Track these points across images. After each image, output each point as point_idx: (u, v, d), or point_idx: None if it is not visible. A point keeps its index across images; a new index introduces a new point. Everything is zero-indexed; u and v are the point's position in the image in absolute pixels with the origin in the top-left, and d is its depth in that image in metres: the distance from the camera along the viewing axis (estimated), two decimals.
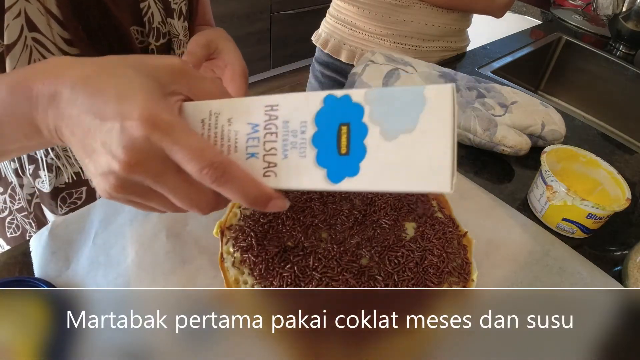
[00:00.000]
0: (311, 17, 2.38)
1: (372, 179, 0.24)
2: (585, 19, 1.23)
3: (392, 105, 0.24)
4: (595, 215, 0.48)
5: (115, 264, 0.40)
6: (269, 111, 0.26)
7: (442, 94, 0.23)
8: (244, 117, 0.26)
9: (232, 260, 0.39)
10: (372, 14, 0.84)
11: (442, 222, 0.43)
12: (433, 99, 0.23)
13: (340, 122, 0.25)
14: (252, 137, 0.26)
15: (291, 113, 0.26)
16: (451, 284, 0.38)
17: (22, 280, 0.38)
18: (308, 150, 0.25)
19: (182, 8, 0.49)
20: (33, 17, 0.38)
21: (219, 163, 0.23)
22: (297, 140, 0.25)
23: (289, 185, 0.26)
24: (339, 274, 0.37)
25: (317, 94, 0.25)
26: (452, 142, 0.23)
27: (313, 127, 0.25)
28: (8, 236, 0.55)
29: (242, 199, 0.25)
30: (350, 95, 0.25)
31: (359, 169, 0.24)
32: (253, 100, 0.26)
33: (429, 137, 0.23)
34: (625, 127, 1.03)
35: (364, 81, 0.68)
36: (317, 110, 0.25)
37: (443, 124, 0.23)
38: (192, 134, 0.24)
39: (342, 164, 0.25)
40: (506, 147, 0.59)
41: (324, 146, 0.25)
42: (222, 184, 0.24)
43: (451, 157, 0.23)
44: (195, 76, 0.27)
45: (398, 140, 0.24)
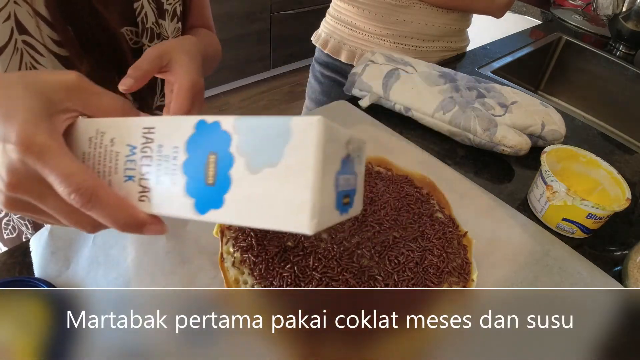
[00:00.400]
0: (311, 17, 2.38)
1: (235, 213, 0.23)
2: (585, 19, 1.23)
3: (259, 135, 0.23)
4: (595, 215, 0.48)
5: (115, 264, 0.40)
6: (146, 134, 0.25)
7: (308, 126, 0.21)
8: (124, 139, 0.26)
9: (232, 260, 0.39)
10: (371, 14, 0.84)
11: (442, 222, 0.43)
12: (299, 132, 0.22)
13: (209, 150, 0.24)
14: (130, 159, 0.25)
15: (165, 137, 0.25)
16: (451, 284, 0.38)
17: (22, 280, 0.38)
18: (179, 177, 0.24)
19: (176, 9, 0.49)
20: (22, 20, 0.38)
21: (86, 188, 0.23)
22: (169, 166, 0.24)
23: (160, 211, 0.25)
24: (339, 274, 0.37)
25: (189, 119, 0.24)
26: (315, 179, 0.21)
27: (184, 153, 0.24)
28: (5, 237, 0.55)
29: (111, 224, 0.25)
30: (219, 123, 0.24)
31: (223, 202, 0.23)
32: (134, 122, 0.26)
33: (292, 173, 0.22)
34: (625, 127, 1.04)
35: (364, 81, 0.68)
36: (189, 136, 0.24)
37: (306, 160, 0.21)
38: (64, 157, 0.24)
39: (209, 195, 0.23)
40: (506, 147, 0.59)
41: (193, 174, 0.24)
42: (90, 209, 0.24)
43: (312, 195, 0.21)
44: (91, 92, 0.27)
45: (262, 174, 0.22)
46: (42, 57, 0.40)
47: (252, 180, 0.22)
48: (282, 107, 2.38)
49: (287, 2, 2.30)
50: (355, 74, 0.70)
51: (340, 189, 0.25)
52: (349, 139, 0.26)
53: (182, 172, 0.24)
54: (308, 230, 0.21)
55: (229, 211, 0.23)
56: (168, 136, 0.25)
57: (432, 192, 0.48)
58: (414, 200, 0.45)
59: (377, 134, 0.61)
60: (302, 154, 0.21)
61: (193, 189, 0.24)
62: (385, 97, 0.67)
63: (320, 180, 0.21)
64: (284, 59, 2.54)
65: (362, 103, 0.68)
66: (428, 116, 0.64)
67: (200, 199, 0.24)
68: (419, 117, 0.66)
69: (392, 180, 0.48)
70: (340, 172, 0.25)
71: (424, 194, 0.47)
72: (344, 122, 0.63)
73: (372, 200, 0.44)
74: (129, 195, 0.25)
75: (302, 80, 2.54)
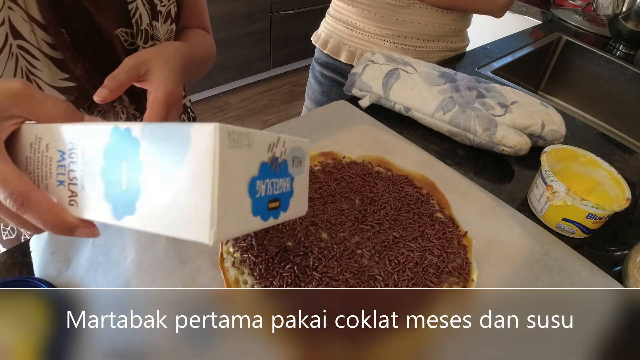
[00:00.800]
0: (311, 17, 2.38)
1: (145, 221, 0.23)
2: (585, 19, 1.23)
3: (164, 142, 0.23)
4: (595, 215, 0.48)
5: (115, 264, 0.40)
6: (72, 140, 0.26)
7: (205, 135, 0.21)
8: (56, 144, 0.27)
9: (232, 260, 0.39)
10: (371, 14, 0.84)
11: (442, 222, 0.43)
12: (197, 140, 0.22)
13: (121, 157, 0.24)
14: (60, 164, 0.26)
15: (87, 143, 0.25)
16: (451, 284, 0.38)
17: (22, 280, 0.38)
18: (98, 183, 0.25)
19: (170, 10, 0.49)
20: (17, 25, 0.38)
21: (18, 193, 0.25)
22: (90, 171, 0.25)
23: (85, 216, 0.26)
24: (339, 274, 0.37)
25: (106, 126, 0.25)
26: (213, 187, 0.21)
27: (102, 160, 0.25)
28: (4, 239, 0.55)
29: (43, 227, 0.26)
30: (130, 129, 0.24)
31: (135, 209, 0.23)
32: (64, 128, 0.27)
33: (193, 181, 0.22)
34: (625, 127, 1.04)
35: (364, 81, 0.68)
36: (105, 143, 0.25)
37: (204, 168, 0.21)
38: (1, 162, 0.25)
39: (123, 201, 0.24)
40: (506, 147, 0.59)
41: (109, 181, 0.24)
42: (24, 212, 0.25)
43: (210, 204, 0.21)
44: (36, 98, 0.28)
45: (167, 181, 0.22)
46: (37, 61, 0.40)
47: (159, 188, 0.23)
48: (282, 107, 2.38)
49: (287, 2, 2.30)
50: (355, 74, 0.70)
51: (262, 194, 0.25)
52: (275, 141, 0.26)
53: (100, 178, 0.25)
54: (207, 240, 0.21)
55: (140, 218, 0.23)
56: (89, 142, 0.25)
57: (432, 192, 0.48)
58: (414, 200, 0.45)
59: (377, 134, 0.61)
60: (201, 162, 0.21)
61: (110, 194, 0.24)
62: (385, 97, 0.67)
63: (219, 189, 0.21)
64: (284, 59, 2.54)
65: (362, 103, 0.68)
66: (428, 116, 0.64)
67: (116, 205, 0.24)
68: (419, 117, 0.66)
69: (392, 180, 0.48)
70: (259, 177, 0.25)
71: (424, 194, 0.47)
72: (344, 122, 0.63)
73: (372, 200, 0.44)
74: (61, 199, 0.26)
75: (302, 80, 2.54)
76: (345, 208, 0.43)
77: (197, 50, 0.53)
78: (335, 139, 0.59)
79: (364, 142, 0.59)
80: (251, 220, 0.24)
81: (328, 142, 0.57)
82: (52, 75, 0.42)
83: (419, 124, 0.67)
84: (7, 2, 0.37)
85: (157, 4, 0.47)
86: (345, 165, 0.49)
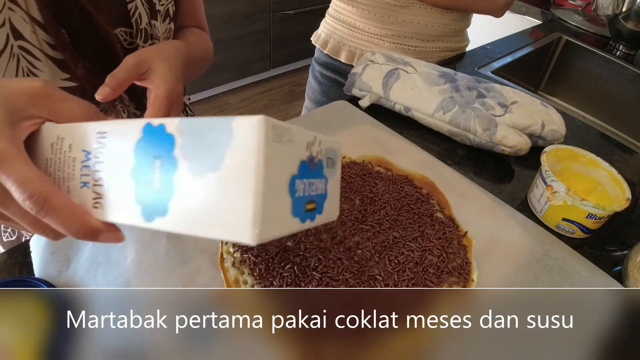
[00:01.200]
0: (311, 17, 2.38)
1: (180, 222, 0.21)
2: (585, 19, 1.23)
3: (202, 137, 0.21)
4: (595, 215, 0.48)
5: (115, 264, 0.40)
6: (99, 138, 0.25)
7: (248, 127, 0.20)
8: (80, 144, 0.25)
9: (232, 260, 0.39)
10: (371, 14, 0.84)
11: (442, 222, 0.43)
12: (240, 134, 0.20)
13: (154, 154, 0.22)
14: (85, 165, 0.25)
15: (116, 142, 0.24)
16: (451, 284, 0.38)
17: (22, 280, 0.38)
18: (127, 183, 0.23)
19: (168, 9, 0.49)
20: (18, 26, 0.38)
21: (39, 195, 0.23)
22: (119, 171, 0.24)
23: (111, 219, 0.24)
24: (339, 274, 0.37)
25: (138, 122, 0.23)
26: (257, 185, 0.20)
27: (132, 158, 0.23)
28: (4, 240, 0.55)
29: (65, 232, 0.25)
30: (164, 125, 0.22)
31: (168, 209, 0.22)
32: (89, 127, 0.25)
33: (234, 178, 0.20)
34: (625, 127, 1.04)
35: (364, 81, 0.68)
36: (136, 140, 0.23)
37: (247, 164, 0.20)
38: (21, 163, 0.24)
39: (155, 202, 0.22)
40: (506, 147, 0.59)
41: (140, 180, 0.23)
42: (44, 216, 0.24)
43: (254, 203, 0.19)
44: (57, 98, 0.27)
45: (205, 179, 0.21)
46: (39, 62, 0.40)
47: (196, 186, 0.21)
48: (282, 107, 2.38)
49: (287, 2, 2.30)
50: (355, 74, 0.70)
51: (300, 194, 0.24)
52: (312, 140, 0.25)
53: (130, 178, 0.23)
54: (251, 240, 0.20)
55: (173, 219, 0.22)
56: (118, 140, 0.24)
57: (432, 192, 0.48)
58: (414, 200, 0.45)
59: (377, 134, 0.61)
60: (243, 157, 0.20)
61: (140, 195, 0.23)
62: (385, 97, 0.67)
63: (263, 186, 0.20)
64: (284, 59, 2.54)
65: (362, 103, 0.68)
66: (428, 116, 0.64)
67: (146, 206, 0.23)
68: (419, 117, 0.66)
69: (392, 180, 0.48)
70: (299, 176, 0.23)
71: (424, 194, 0.47)
72: (344, 122, 0.63)
73: (372, 200, 0.44)
74: (85, 202, 0.25)
75: (302, 80, 2.54)
76: (345, 208, 0.43)
77: (196, 49, 0.53)
78: None
79: (364, 142, 0.59)
80: (291, 221, 0.23)
81: None
82: (53, 76, 0.42)
83: (419, 124, 0.67)
84: (7, 3, 0.37)
85: (156, 3, 0.47)
86: (345, 165, 0.49)
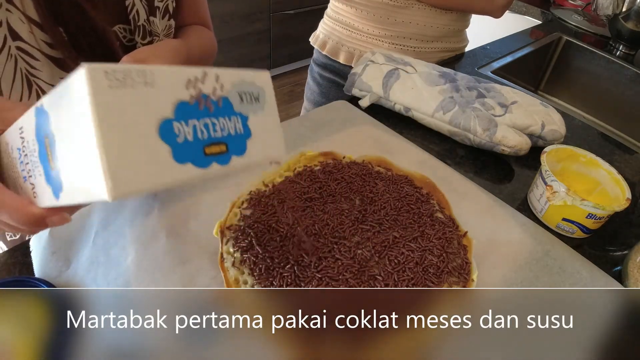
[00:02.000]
0: (311, 17, 2.38)
1: (68, 195, 0.22)
2: (585, 19, 1.23)
3: (59, 106, 0.21)
4: (595, 215, 0.48)
5: (115, 264, 0.40)
6: (20, 134, 0.26)
7: (76, 80, 0.19)
8: (14, 144, 0.27)
9: (232, 260, 0.39)
10: (369, 15, 0.83)
11: (442, 222, 0.43)
12: (74, 91, 0.19)
13: (44, 134, 0.22)
14: (20, 161, 0.26)
15: (27, 133, 0.25)
16: (451, 284, 0.38)
17: (22, 280, 0.38)
18: (39, 168, 0.24)
19: (168, 6, 0.49)
20: (15, 26, 0.38)
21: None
22: (33, 159, 0.24)
23: (44, 204, 0.25)
24: (339, 274, 0.37)
25: (32, 109, 0.24)
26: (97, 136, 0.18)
27: (36, 143, 0.24)
28: (8, 239, 0.55)
29: (16, 224, 0.26)
30: (42, 104, 0.22)
31: (62, 184, 0.22)
32: (16, 126, 0.26)
33: (80, 137, 0.19)
34: (625, 127, 1.04)
35: (363, 81, 0.68)
36: (34, 126, 0.23)
37: (83, 117, 0.19)
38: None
39: (55, 179, 0.22)
40: (506, 147, 0.59)
41: (44, 162, 0.23)
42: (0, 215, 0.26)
43: (99, 155, 0.18)
44: (5, 108, 0.28)
45: (71, 145, 0.20)
46: (37, 62, 0.40)
47: (69, 156, 0.21)
48: (282, 107, 2.38)
49: (287, 2, 2.30)
50: (355, 74, 0.70)
51: (188, 138, 0.22)
52: (198, 77, 0.23)
53: (39, 163, 0.24)
54: (107, 197, 0.19)
55: (67, 193, 0.22)
56: (28, 131, 0.25)
57: (432, 192, 0.48)
58: (414, 200, 0.45)
59: (377, 134, 0.61)
60: (80, 112, 0.19)
61: (47, 176, 0.23)
62: (385, 97, 0.67)
63: (106, 137, 0.18)
64: (284, 59, 2.54)
65: (362, 103, 0.68)
66: (428, 116, 0.64)
67: (53, 185, 0.23)
68: (419, 117, 0.66)
69: (392, 180, 0.48)
70: (177, 118, 0.22)
71: (424, 194, 0.47)
72: (343, 122, 0.63)
73: (372, 200, 0.44)
74: (28, 194, 0.26)
75: (302, 81, 2.54)
76: (345, 208, 0.43)
77: (195, 48, 0.53)
78: (335, 139, 0.59)
79: (364, 142, 0.59)
80: (176, 168, 0.21)
81: (328, 142, 0.57)
82: (52, 75, 0.42)
83: (419, 124, 0.67)
84: (4, 4, 0.37)
85: (155, 0, 0.47)
86: (345, 165, 0.49)
